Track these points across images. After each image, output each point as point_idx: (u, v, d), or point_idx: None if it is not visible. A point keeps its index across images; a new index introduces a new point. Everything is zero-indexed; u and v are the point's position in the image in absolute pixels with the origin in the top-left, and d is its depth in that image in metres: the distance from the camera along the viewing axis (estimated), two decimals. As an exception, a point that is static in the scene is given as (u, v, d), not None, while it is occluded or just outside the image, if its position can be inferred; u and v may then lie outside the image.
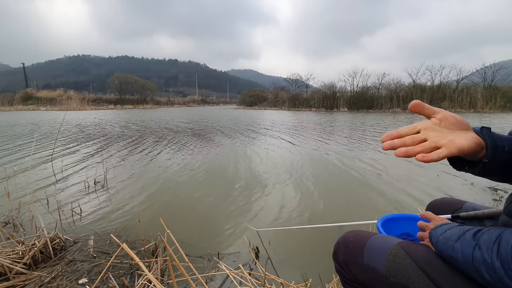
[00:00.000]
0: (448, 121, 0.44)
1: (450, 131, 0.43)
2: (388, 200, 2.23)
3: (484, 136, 0.43)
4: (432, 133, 0.43)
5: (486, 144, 0.43)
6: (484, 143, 0.43)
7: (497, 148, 0.43)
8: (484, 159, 0.43)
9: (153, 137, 6.20)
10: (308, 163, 3.59)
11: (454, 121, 0.43)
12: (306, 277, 1.18)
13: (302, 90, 31.80)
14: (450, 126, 0.43)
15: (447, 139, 0.42)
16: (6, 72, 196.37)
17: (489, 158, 0.43)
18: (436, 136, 0.43)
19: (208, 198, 2.34)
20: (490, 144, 0.43)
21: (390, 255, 0.53)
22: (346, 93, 24.72)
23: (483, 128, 0.45)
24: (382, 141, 0.45)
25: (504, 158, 0.44)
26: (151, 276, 0.56)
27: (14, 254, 1.26)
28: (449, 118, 0.44)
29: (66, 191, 2.49)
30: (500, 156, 0.43)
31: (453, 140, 0.41)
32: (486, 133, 0.44)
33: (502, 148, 0.43)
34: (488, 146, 0.43)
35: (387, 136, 0.45)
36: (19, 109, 28.31)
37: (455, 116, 0.44)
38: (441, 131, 0.43)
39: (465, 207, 0.74)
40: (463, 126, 0.43)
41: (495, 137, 0.44)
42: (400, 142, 0.44)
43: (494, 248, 0.38)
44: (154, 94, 45.43)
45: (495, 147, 0.43)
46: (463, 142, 0.41)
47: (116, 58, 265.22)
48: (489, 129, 0.45)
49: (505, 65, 23.56)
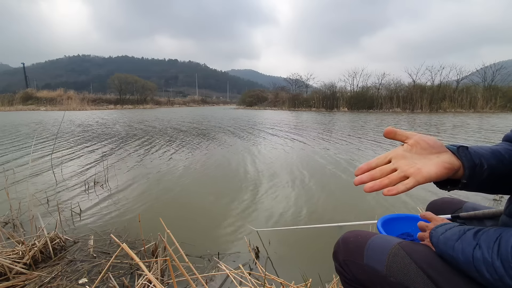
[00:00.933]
0: (420, 145, 0.43)
1: (421, 157, 0.42)
2: (388, 200, 2.23)
3: (460, 156, 0.42)
4: (402, 162, 0.43)
5: (463, 165, 0.42)
6: (461, 163, 0.42)
7: (475, 168, 0.42)
8: (462, 180, 0.42)
9: (153, 137, 6.20)
10: (308, 163, 3.59)
11: (425, 145, 0.42)
12: (306, 277, 1.18)
13: (302, 90, 31.82)
14: (421, 151, 0.42)
15: (415, 168, 0.41)
16: (6, 72, 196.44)
17: (466, 179, 0.42)
18: (406, 164, 0.42)
19: (208, 198, 2.34)
20: (467, 164, 0.42)
21: (390, 255, 0.53)
22: (346, 93, 24.73)
23: (460, 147, 0.43)
24: (355, 175, 0.45)
25: (484, 176, 0.43)
26: (151, 276, 0.56)
27: (14, 254, 1.26)
28: (421, 142, 0.43)
29: (66, 191, 2.49)
30: (479, 174, 0.42)
31: (420, 169, 0.40)
32: (463, 152, 0.43)
33: (480, 167, 0.42)
34: (465, 166, 0.42)
35: (359, 170, 0.44)
36: (19, 109, 28.32)
37: (426, 140, 0.43)
38: (411, 158, 0.42)
39: (465, 207, 0.74)
40: (435, 150, 0.42)
41: (472, 155, 0.43)
42: (368, 176, 0.43)
43: (494, 247, 0.38)
44: (154, 94, 45.43)
45: (473, 167, 0.42)
46: (431, 170, 0.40)
47: (116, 58, 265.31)
48: (466, 148, 0.44)
49: (505, 65, 23.56)
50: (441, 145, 0.43)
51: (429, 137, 0.43)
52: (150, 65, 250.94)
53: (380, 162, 0.44)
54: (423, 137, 0.43)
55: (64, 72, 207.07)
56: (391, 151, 0.45)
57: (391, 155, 0.44)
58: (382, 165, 0.44)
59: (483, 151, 0.45)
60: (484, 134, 6.43)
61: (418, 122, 9.66)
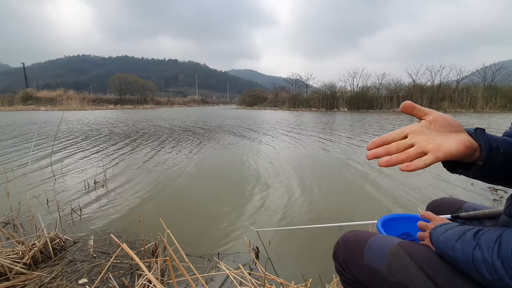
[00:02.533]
0: (439, 123, 0.41)
1: (439, 134, 0.41)
2: (388, 200, 2.23)
3: (478, 137, 0.41)
4: (420, 137, 0.41)
5: (480, 146, 0.41)
6: (478, 145, 0.41)
7: (492, 150, 0.41)
8: (478, 162, 0.41)
9: (153, 137, 6.20)
10: (308, 163, 3.59)
11: (444, 123, 0.41)
12: (306, 277, 1.18)
13: (302, 90, 31.82)
14: (440, 128, 0.41)
15: (434, 144, 0.40)
16: (6, 72, 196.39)
17: (483, 161, 0.41)
18: (424, 140, 0.40)
19: (208, 198, 2.34)
20: (484, 146, 0.41)
21: (390, 255, 0.53)
22: (346, 93, 24.71)
23: (477, 129, 0.43)
24: (367, 149, 0.42)
25: (499, 160, 0.41)
26: (151, 276, 0.56)
27: (14, 254, 1.26)
28: (440, 119, 0.41)
29: (66, 191, 2.49)
30: (494, 158, 0.41)
31: (441, 145, 0.39)
32: (480, 134, 0.42)
33: (496, 150, 0.41)
34: (482, 148, 0.41)
35: (373, 144, 0.42)
36: (19, 109, 28.30)
37: (446, 118, 0.42)
38: (430, 134, 0.41)
39: (465, 207, 0.74)
40: (454, 128, 0.41)
41: (489, 138, 0.42)
42: (384, 150, 0.41)
43: (494, 248, 0.38)
44: (154, 94, 45.41)
45: (490, 149, 0.41)
46: (452, 146, 0.39)
47: (116, 58, 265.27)
48: (483, 130, 0.42)
49: (505, 65, 23.55)
50: (460, 124, 0.42)
51: (448, 116, 0.42)
52: (150, 65, 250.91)
53: (396, 137, 0.42)
54: (442, 115, 0.42)
55: (64, 72, 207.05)
56: (407, 127, 0.42)
57: (407, 131, 0.42)
58: (398, 140, 0.42)
59: (497, 136, 0.44)
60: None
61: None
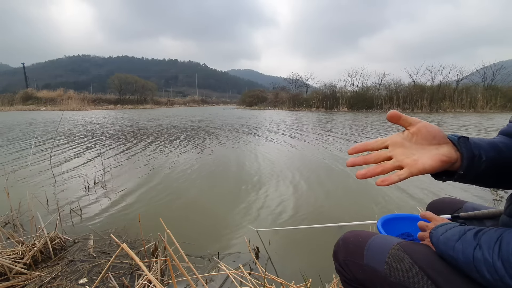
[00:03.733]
0: (421, 134, 0.41)
1: (419, 147, 0.41)
2: (388, 200, 2.23)
3: (460, 146, 0.41)
4: (399, 150, 0.42)
5: (462, 155, 0.41)
6: (459, 154, 0.41)
7: (473, 159, 0.41)
8: (459, 171, 0.42)
9: (153, 136, 6.20)
10: (309, 163, 3.59)
11: (427, 135, 0.41)
12: (306, 277, 1.18)
13: (302, 90, 31.83)
14: (421, 140, 0.41)
15: (411, 159, 0.41)
16: (6, 72, 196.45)
17: (463, 170, 0.41)
18: (402, 154, 0.42)
19: (208, 198, 2.34)
20: (466, 155, 0.41)
21: (390, 255, 0.53)
22: (346, 93, 24.72)
23: (461, 138, 0.42)
24: (348, 154, 0.43)
25: (481, 168, 0.42)
26: (151, 276, 0.56)
27: (14, 254, 1.26)
28: (423, 131, 0.41)
29: (66, 191, 2.49)
30: (476, 166, 0.41)
31: (417, 161, 0.40)
32: (463, 143, 0.42)
33: (478, 159, 0.41)
34: (463, 157, 0.41)
35: (353, 149, 0.43)
36: (19, 109, 28.30)
37: (429, 129, 0.41)
38: (409, 148, 0.42)
39: (465, 207, 0.74)
40: (436, 140, 0.41)
41: (472, 146, 0.42)
42: (362, 160, 0.43)
43: (495, 248, 0.38)
44: (154, 94, 45.42)
45: (471, 158, 0.41)
46: (427, 163, 0.40)
47: (116, 58, 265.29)
48: (467, 139, 0.42)
49: (505, 65, 23.56)
50: (443, 136, 0.42)
51: (432, 127, 0.42)
52: (150, 65, 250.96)
53: (377, 147, 0.44)
54: (427, 126, 0.42)
55: (64, 72, 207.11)
56: (389, 137, 0.44)
57: (389, 141, 0.43)
58: (378, 149, 0.44)
59: (481, 142, 0.44)
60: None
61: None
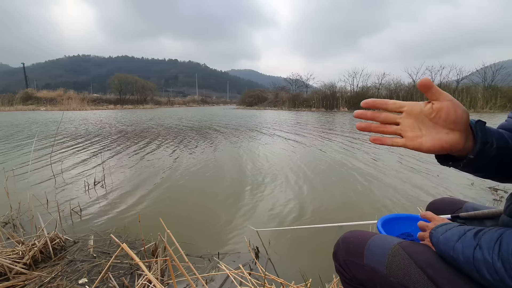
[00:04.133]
0: (441, 116, 0.38)
1: (432, 125, 0.40)
2: (388, 200, 2.23)
3: (476, 130, 0.40)
4: (409, 121, 0.41)
5: (476, 140, 0.40)
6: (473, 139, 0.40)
7: (486, 145, 0.40)
8: (470, 155, 0.40)
9: (153, 136, 6.20)
10: (309, 163, 3.59)
11: (446, 118, 0.38)
12: (306, 277, 1.18)
13: (302, 90, 31.82)
14: (439, 120, 0.39)
15: (414, 133, 0.40)
16: (6, 72, 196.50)
17: (475, 154, 0.40)
18: (410, 125, 0.41)
19: (208, 198, 2.34)
20: (480, 140, 0.39)
21: (390, 255, 0.53)
22: (346, 93, 24.72)
23: (478, 121, 0.41)
24: (362, 105, 0.42)
25: (491, 155, 0.40)
26: (151, 276, 0.56)
27: (14, 254, 1.26)
28: (445, 112, 0.38)
29: (66, 191, 2.49)
30: (487, 153, 0.40)
31: (417, 138, 0.40)
32: (480, 127, 0.40)
33: (490, 145, 0.40)
34: (477, 141, 0.39)
35: (368, 103, 0.42)
36: (19, 109, 28.29)
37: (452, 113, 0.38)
38: (422, 122, 0.40)
39: (465, 207, 0.74)
40: (452, 125, 0.39)
41: (487, 132, 0.40)
42: (371, 116, 0.43)
43: (495, 248, 0.38)
44: (154, 94, 45.45)
45: (484, 144, 0.40)
46: (426, 143, 0.39)
47: (116, 58, 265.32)
48: (484, 123, 0.41)
49: (505, 65, 23.56)
50: (465, 123, 0.39)
51: (458, 111, 0.38)
52: (150, 65, 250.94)
53: (393, 108, 0.42)
54: (452, 109, 0.38)
55: (64, 72, 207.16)
56: (409, 103, 0.41)
57: (406, 108, 0.41)
58: (393, 111, 0.42)
59: (493, 129, 0.43)
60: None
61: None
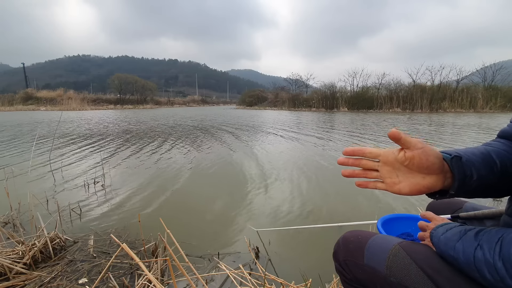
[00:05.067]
0: (416, 163, 0.41)
1: (407, 171, 0.42)
2: (388, 200, 2.23)
3: (453, 167, 0.42)
4: (386, 168, 0.44)
5: (454, 176, 0.42)
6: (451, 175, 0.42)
7: (465, 180, 0.42)
8: (450, 191, 0.43)
9: (152, 136, 6.20)
10: (308, 163, 3.59)
11: (420, 165, 0.41)
12: (306, 277, 1.18)
13: (302, 90, 31.83)
14: (413, 167, 0.41)
15: (392, 180, 0.44)
16: (6, 72, 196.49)
17: (455, 190, 0.42)
18: (387, 172, 0.44)
19: (208, 198, 2.34)
20: (457, 176, 0.41)
21: (390, 255, 0.53)
22: (346, 93, 24.72)
23: (454, 158, 0.42)
24: (343, 153, 0.46)
25: (472, 187, 0.43)
26: (151, 276, 0.56)
27: (14, 254, 1.26)
28: (418, 160, 0.40)
29: (66, 191, 2.49)
30: (468, 185, 0.42)
31: (396, 184, 0.43)
32: (456, 163, 0.42)
33: (469, 178, 0.42)
34: (455, 178, 0.42)
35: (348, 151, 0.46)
36: (19, 109, 28.31)
37: (425, 160, 0.40)
38: (398, 169, 0.43)
39: (465, 207, 0.74)
40: (426, 171, 0.41)
41: (464, 166, 0.42)
42: (352, 162, 0.47)
43: (496, 248, 0.38)
44: (154, 94, 45.45)
45: (463, 179, 0.42)
46: (404, 189, 0.43)
47: (116, 58, 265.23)
48: (459, 159, 0.42)
49: (505, 65, 23.57)
50: (438, 167, 0.41)
51: (429, 158, 0.40)
52: (150, 65, 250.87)
53: (370, 156, 0.46)
54: (424, 156, 0.40)
55: (64, 72, 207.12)
56: (384, 152, 0.45)
57: (381, 156, 0.45)
58: (371, 158, 0.46)
59: (475, 158, 0.44)
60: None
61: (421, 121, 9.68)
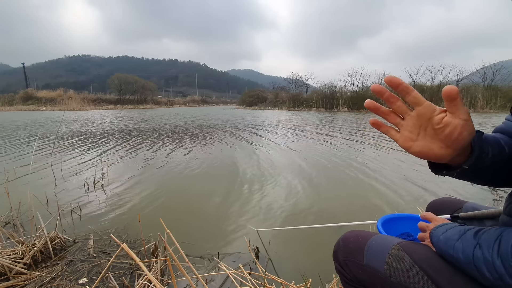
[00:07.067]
0: (447, 131, 0.36)
1: (430, 135, 0.38)
2: (388, 200, 2.23)
3: (474, 142, 0.39)
4: (412, 122, 0.39)
5: (473, 150, 0.39)
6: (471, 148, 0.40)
7: (481, 155, 0.40)
8: (464, 165, 0.40)
9: (151, 136, 6.20)
10: (309, 162, 3.59)
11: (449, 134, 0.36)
12: (306, 277, 1.18)
13: (302, 90, 31.84)
14: (440, 134, 0.37)
15: (410, 136, 0.39)
16: (6, 72, 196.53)
17: (469, 165, 0.40)
18: (411, 126, 0.39)
19: (208, 198, 2.34)
20: (477, 151, 0.39)
21: (390, 255, 0.53)
22: (346, 93, 24.71)
23: (477, 132, 0.40)
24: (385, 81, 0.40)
25: (485, 165, 0.41)
26: (151, 276, 0.56)
27: (14, 254, 1.26)
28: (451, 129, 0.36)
29: (66, 191, 2.49)
30: (481, 162, 0.40)
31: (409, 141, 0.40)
32: (477, 138, 0.39)
33: (485, 155, 0.40)
34: (474, 152, 0.39)
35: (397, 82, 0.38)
36: (19, 109, 28.31)
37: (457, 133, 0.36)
38: (423, 128, 0.38)
39: (465, 207, 0.74)
40: (450, 144, 0.37)
41: (483, 143, 0.40)
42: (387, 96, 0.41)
43: (494, 246, 0.38)
44: (154, 94, 45.48)
45: (480, 154, 0.40)
46: (414, 150, 0.39)
47: (116, 58, 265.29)
48: (481, 134, 0.41)
49: (505, 65, 23.57)
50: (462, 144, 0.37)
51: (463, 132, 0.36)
52: (150, 65, 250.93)
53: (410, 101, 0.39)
54: (459, 129, 0.36)
55: (64, 72, 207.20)
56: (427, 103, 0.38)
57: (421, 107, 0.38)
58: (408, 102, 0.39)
59: (491, 137, 0.43)
60: None
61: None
